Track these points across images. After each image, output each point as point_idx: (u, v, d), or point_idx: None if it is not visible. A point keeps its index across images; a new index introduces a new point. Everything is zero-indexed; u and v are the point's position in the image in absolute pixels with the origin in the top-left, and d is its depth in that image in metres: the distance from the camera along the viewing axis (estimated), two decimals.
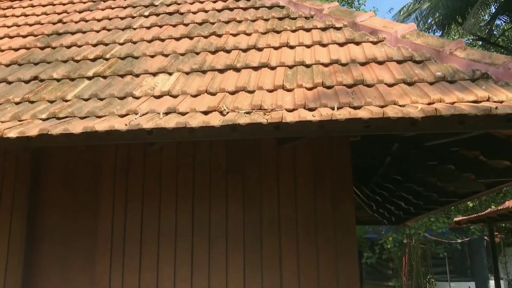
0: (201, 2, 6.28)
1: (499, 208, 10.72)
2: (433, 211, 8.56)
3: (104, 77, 4.45)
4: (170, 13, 6.01)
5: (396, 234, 13.52)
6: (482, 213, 11.74)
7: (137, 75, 4.41)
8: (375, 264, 14.38)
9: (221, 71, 4.31)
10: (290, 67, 4.24)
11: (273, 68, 4.27)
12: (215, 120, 3.19)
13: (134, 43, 5.17)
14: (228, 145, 4.81)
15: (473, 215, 12.34)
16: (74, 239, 4.98)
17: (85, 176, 5.11)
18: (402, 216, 9.28)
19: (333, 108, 3.26)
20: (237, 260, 4.54)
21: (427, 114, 3.00)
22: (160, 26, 5.59)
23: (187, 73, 4.35)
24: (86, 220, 4.98)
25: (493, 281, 14.34)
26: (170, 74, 4.37)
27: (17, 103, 4.11)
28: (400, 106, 3.27)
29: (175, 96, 3.94)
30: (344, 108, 3.29)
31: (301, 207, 4.61)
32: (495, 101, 3.17)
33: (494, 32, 18.39)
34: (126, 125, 3.24)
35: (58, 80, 4.50)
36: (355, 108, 3.29)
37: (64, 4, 6.89)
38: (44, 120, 3.64)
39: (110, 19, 6.04)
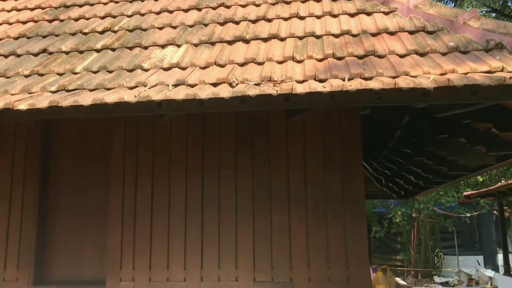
0: None
1: (509, 182, 10.67)
2: (442, 185, 8.54)
3: (113, 50, 4.42)
4: None
5: (405, 208, 13.53)
6: (492, 187, 11.70)
7: (146, 48, 4.38)
8: (384, 238, 14.45)
9: (230, 42, 4.26)
10: (300, 38, 4.18)
11: (282, 40, 4.21)
12: (224, 91, 3.17)
13: (142, 15, 5.13)
14: (238, 118, 4.79)
15: (483, 189, 12.31)
16: (85, 212, 5.05)
17: (95, 150, 5.15)
18: (411, 190, 9.26)
19: (343, 79, 3.22)
20: (247, 232, 4.58)
21: (439, 85, 2.96)
22: None
23: (196, 45, 4.31)
24: (97, 193, 5.03)
25: (501, 254, 14.39)
26: (178, 46, 4.33)
27: (26, 76, 4.11)
28: (412, 77, 3.22)
29: (184, 68, 3.92)
30: (355, 79, 3.25)
31: (310, 180, 4.61)
32: (509, 71, 3.12)
33: (509, 4, 17.98)
34: (135, 96, 3.23)
35: (66, 53, 4.48)
36: (366, 79, 3.25)
37: None
38: (53, 92, 3.64)
39: None
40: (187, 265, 4.60)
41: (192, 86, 3.48)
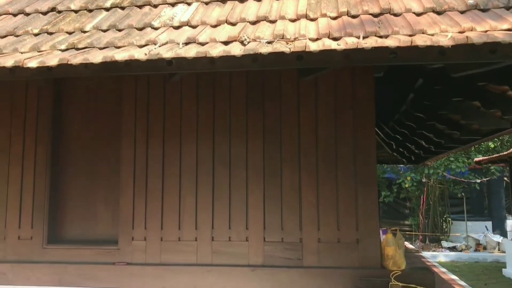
0: None
1: None
2: (454, 150, 8.48)
3: (122, 8, 4.35)
4: None
5: (415, 174, 13.52)
6: (504, 153, 11.61)
7: (155, 6, 4.30)
8: (392, 203, 14.52)
9: (241, 0, 4.17)
10: None
11: None
12: (236, 49, 3.11)
13: None
14: (248, 79, 4.73)
15: (494, 155, 12.21)
16: (97, 171, 5.09)
17: (106, 110, 5.14)
18: (422, 155, 9.21)
19: (358, 37, 3.14)
20: (257, 192, 4.60)
21: (457, 43, 2.88)
22: None
23: (207, 3, 4.22)
24: (108, 152, 5.06)
25: (510, 220, 14.43)
26: (189, 4, 4.25)
27: (35, 35, 4.07)
28: (429, 35, 3.13)
29: (194, 27, 3.85)
30: (370, 37, 3.17)
31: (322, 142, 4.58)
32: None
33: None
34: (145, 54, 3.19)
35: (75, 11, 4.42)
36: (381, 37, 3.17)
37: None
38: (63, 50, 3.60)
39: None
40: (198, 225, 4.64)
41: (202, 44, 3.42)
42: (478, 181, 14.27)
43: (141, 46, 3.50)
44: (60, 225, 5.06)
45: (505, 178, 15.21)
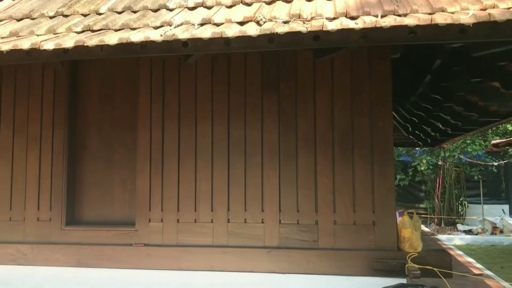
0: None
1: None
2: (471, 132, 8.36)
3: None
4: None
5: (430, 157, 13.40)
6: None
7: None
8: (408, 186, 14.43)
9: None
10: None
11: None
12: (252, 29, 3.08)
13: None
14: (264, 61, 4.69)
15: None
16: (114, 154, 5.13)
17: (121, 93, 5.16)
18: (438, 138, 9.10)
19: (376, 16, 3.08)
20: (273, 175, 4.60)
21: (479, 20, 2.81)
22: None
23: None
24: (125, 135, 5.09)
25: None
26: None
27: (51, 17, 4.08)
28: (449, 13, 3.05)
29: (209, 7, 3.82)
30: (389, 16, 3.10)
31: (338, 124, 4.55)
32: None
33: None
34: (161, 35, 3.17)
35: None
36: (400, 16, 3.10)
37: None
38: (79, 33, 3.60)
39: None
40: (214, 207, 4.67)
41: (218, 25, 3.38)
42: (495, 164, 14.09)
43: (156, 28, 3.48)
44: (78, 207, 5.13)
45: None
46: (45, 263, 4.84)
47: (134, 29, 3.51)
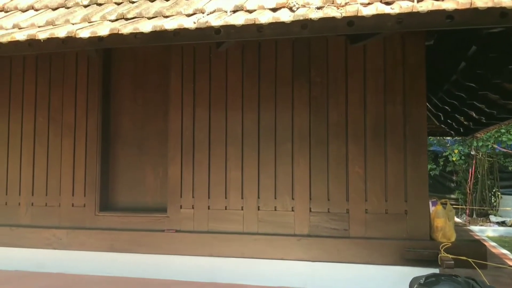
0: None
1: None
2: (506, 122, 8.13)
3: None
4: None
5: (462, 147, 13.07)
6: None
7: None
8: (438, 176, 14.13)
9: None
10: None
11: None
12: (285, 15, 3.06)
13: None
14: (294, 48, 4.66)
15: None
16: (146, 141, 5.20)
17: (153, 82, 5.21)
18: (471, 127, 8.89)
19: (413, 1, 3.01)
20: (303, 163, 4.58)
21: None
22: None
23: None
24: (156, 123, 5.15)
25: None
26: None
27: (85, 6, 4.14)
28: None
29: None
30: (425, 0, 3.02)
31: (370, 112, 4.49)
32: None
33: None
34: (194, 23, 3.18)
35: None
36: (437, 0, 3.02)
37: None
38: (113, 21, 3.64)
39: None
40: (244, 194, 4.69)
41: (250, 11, 3.36)
42: None
43: (189, 15, 3.49)
44: (111, 193, 5.23)
45: None
46: (79, 247, 4.96)
47: (167, 16, 3.53)
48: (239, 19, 3.11)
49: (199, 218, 4.76)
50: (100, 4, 4.08)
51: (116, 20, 3.63)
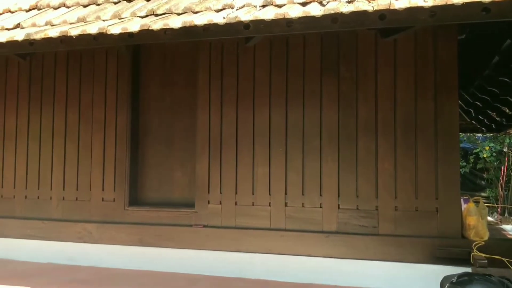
0: None
1: None
2: None
3: None
4: None
5: (494, 143, 12.75)
6: None
7: None
8: (468, 174, 13.82)
9: None
10: None
11: None
12: (315, 9, 3.03)
13: None
14: (323, 43, 4.61)
15: None
16: (174, 137, 5.24)
17: (181, 78, 5.24)
18: (504, 123, 8.67)
19: None
20: (331, 159, 4.54)
21: None
22: None
23: None
24: (184, 119, 5.18)
25: None
26: None
27: (115, 3, 4.19)
28: None
29: None
30: None
31: (400, 108, 4.41)
32: None
33: None
34: (224, 18, 3.19)
35: None
36: None
37: None
38: (143, 17, 3.68)
39: None
40: (271, 190, 4.68)
41: (280, 6, 3.35)
42: None
43: (218, 11, 3.49)
44: (140, 188, 5.29)
45: None
46: (109, 241, 5.04)
47: (196, 12, 3.54)
48: (269, 14, 3.10)
49: (227, 214, 4.77)
50: (130, 1, 4.12)
51: (146, 16, 3.67)
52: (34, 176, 5.46)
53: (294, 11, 3.05)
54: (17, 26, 4.08)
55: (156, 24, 3.28)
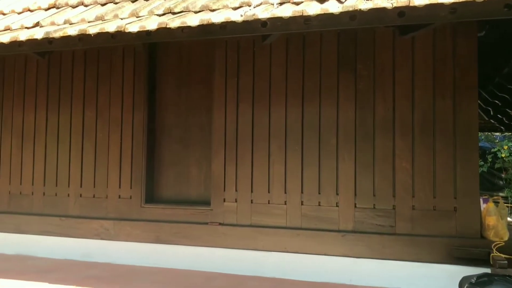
0: None
1: None
2: None
3: None
4: None
5: None
6: None
7: None
8: (486, 173, 13.65)
9: None
10: None
11: None
12: (333, 7, 3.00)
13: None
14: (340, 40, 4.58)
15: None
16: (190, 136, 5.25)
17: (197, 76, 5.25)
18: None
19: None
20: (348, 158, 4.51)
21: None
22: None
23: None
24: (200, 117, 5.20)
25: None
26: None
27: (133, 1, 4.22)
28: None
29: None
30: None
31: (418, 106, 4.36)
32: None
33: None
34: (241, 16, 3.18)
35: None
36: None
37: None
38: (160, 15, 3.69)
39: None
40: (287, 189, 4.67)
41: (297, 3, 3.33)
42: None
43: (235, 8, 3.49)
44: (157, 185, 5.32)
45: None
46: (126, 238, 5.08)
47: (213, 10, 3.55)
48: (286, 11, 3.09)
49: (242, 212, 4.77)
50: None
51: (164, 14, 3.68)
52: (52, 173, 5.52)
53: (312, 9, 3.04)
54: (37, 24, 4.13)
55: (174, 22, 3.29)
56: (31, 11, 4.73)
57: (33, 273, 4.63)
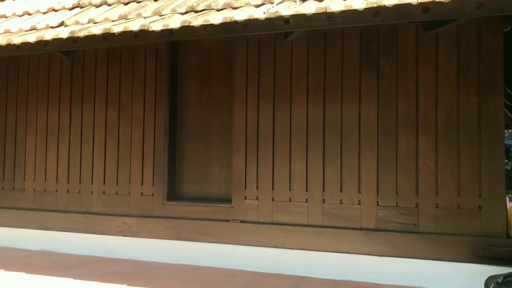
0: None
1: None
2: None
3: None
4: None
5: None
6: None
7: None
8: (509, 171, 13.44)
9: None
10: None
11: None
12: (357, 3, 2.98)
13: None
14: (362, 37, 4.54)
15: None
16: (211, 133, 5.28)
17: (218, 74, 5.27)
18: None
19: None
20: (370, 156, 4.48)
21: None
22: None
23: None
24: (221, 115, 5.22)
25: None
26: None
27: (155, 0, 4.23)
28: None
29: None
30: None
31: (442, 103, 4.30)
32: None
33: None
34: (264, 13, 3.18)
35: None
36: None
37: None
38: (183, 14, 3.72)
39: None
40: (309, 187, 4.66)
41: (320, 0, 3.31)
42: None
43: (257, 6, 3.50)
44: (178, 183, 5.36)
45: None
46: (148, 235, 5.13)
47: (235, 8, 3.56)
48: (310, 8, 3.08)
49: (263, 209, 4.78)
50: None
51: (186, 12, 3.71)
52: (76, 171, 5.61)
53: (335, 5, 3.02)
54: (61, 24, 4.20)
55: (197, 21, 3.31)
56: (56, 11, 4.81)
57: (57, 269, 4.71)
